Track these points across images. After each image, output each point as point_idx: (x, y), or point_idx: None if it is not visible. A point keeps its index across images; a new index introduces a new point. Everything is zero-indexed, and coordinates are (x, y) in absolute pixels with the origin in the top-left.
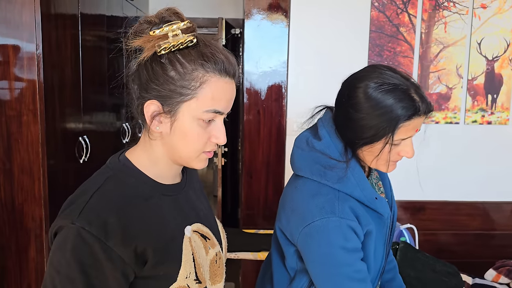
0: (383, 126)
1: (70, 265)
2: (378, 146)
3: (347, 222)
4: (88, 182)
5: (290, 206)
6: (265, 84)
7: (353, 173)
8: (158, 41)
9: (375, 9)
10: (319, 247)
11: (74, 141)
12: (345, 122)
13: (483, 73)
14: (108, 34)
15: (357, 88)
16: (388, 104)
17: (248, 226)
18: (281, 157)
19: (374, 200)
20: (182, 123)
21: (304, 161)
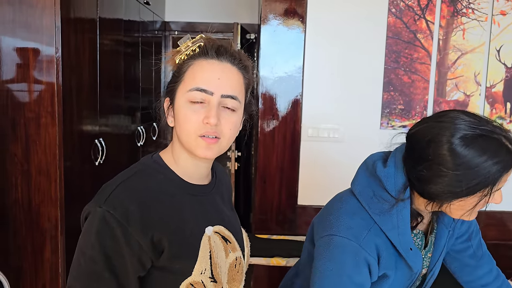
0: (480, 182)
1: (94, 247)
2: (471, 200)
3: (365, 254)
4: (120, 174)
5: (327, 211)
6: (280, 89)
7: (397, 214)
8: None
9: (392, 15)
10: (329, 261)
11: (90, 143)
12: (431, 177)
13: (502, 80)
14: (125, 38)
15: (440, 145)
16: (482, 160)
17: (261, 231)
18: (295, 162)
19: (408, 250)
20: (177, 108)
21: (361, 179)
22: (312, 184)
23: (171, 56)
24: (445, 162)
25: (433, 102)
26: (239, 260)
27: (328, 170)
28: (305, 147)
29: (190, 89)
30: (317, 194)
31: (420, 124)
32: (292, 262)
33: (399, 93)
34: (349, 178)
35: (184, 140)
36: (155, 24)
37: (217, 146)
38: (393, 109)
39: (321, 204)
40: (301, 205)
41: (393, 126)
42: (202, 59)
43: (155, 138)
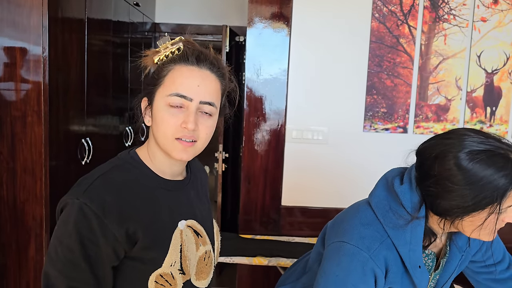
0: (487, 196)
1: (71, 236)
2: (481, 216)
3: (373, 266)
4: (98, 168)
5: (341, 218)
6: (265, 91)
7: (411, 230)
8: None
9: (376, 20)
10: (337, 266)
11: (77, 143)
12: (439, 193)
13: (482, 85)
14: (114, 39)
15: (447, 161)
16: (487, 174)
17: (246, 231)
18: (279, 164)
19: (417, 267)
20: (155, 110)
21: (379, 192)
22: (296, 185)
23: (149, 56)
24: (452, 177)
25: (415, 105)
26: (208, 253)
27: (312, 172)
28: (289, 149)
29: (169, 94)
30: (300, 195)
31: (429, 140)
32: (274, 261)
33: (382, 96)
34: (332, 180)
35: (160, 141)
36: (145, 25)
37: (193, 149)
38: (376, 112)
39: (304, 205)
40: (285, 206)
41: (376, 129)
42: (182, 65)
43: (143, 139)
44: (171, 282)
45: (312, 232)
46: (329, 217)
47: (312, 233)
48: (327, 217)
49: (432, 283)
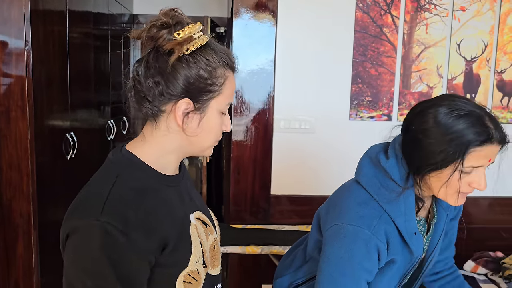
0: (453, 151)
1: (100, 262)
2: (447, 172)
3: (376, 241)
4: (98, 181)
5: (334, 202)
6: (252, 82)
7: (404, 201)
8: (184, 43)
9: (360, 10)
10: (339, 249)
11: (62, 137)
12: (413, 147)
13: (462, 73)
14: (94, 31)
15: (427, 114)
16: (459, 129)
17: (236, 221)
18: (268, 154)
19: (413, 234)
20: (209, 118)
21: (367, 170)
22: (285, 174)
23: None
24: (427, 131)
25: (399, 93)
26: (216, 240)
27: (300, 161)
28: (277, 139)
29: (227, 103)
30: (289, 184)
31: (414, 107)
32: (266, 249)
33: (366, 85)
34: (320, 167)
35: (205, 144)
36: (123, 17)
37: None
38: (361, 100)
39: (293, 194)
40: (274, 195)
41: (361, 117)
42: (231, 73)
43: (125, 132)
44: (197, 278)
45: (301, 220)
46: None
47: (301, 220)
48: (316, 204)
49: (426, 246)
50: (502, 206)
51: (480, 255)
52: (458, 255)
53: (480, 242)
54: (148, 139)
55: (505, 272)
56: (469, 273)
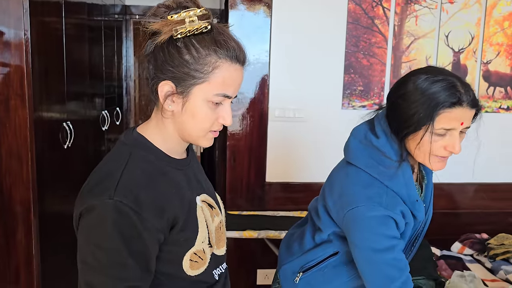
0: (425, 112)
1: (112, 237)
2: (420, 134)
3: (391, 214)
4: (111, 161)
5: (338, 191)
6: (248, 72)
7: (403, 173)
8: (176, 25)
9: (352, 1)
10: (362, 231)
11: (59, 126)
12: (393, 113)
13: (450, 63)
14: (89, 22)
15: (408, 80)
16: (432, 92)
17: (232, 208)
18: (263, 142)
19: (415, 202)
20: (193, 104)
21: (360, 153)
22: (280, 162)
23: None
24: (406, 95)
25: (390, 83)
26: (222, 222)
27: (294, 149)
28: (272, 127)
29: (217, 94)
30: (284, 171)
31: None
32: (263, 234)
33: (358, 75)
34: (313, 155)
35: (191, 132)
36: (116, 7)
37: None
38: (353, 90)
39: (288, 181)
40: (269, 182)
41: (354, 106)
42: (229, 63)
43: (118, 123)
44: (203, 257)
45: (295, 206)
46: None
47: (296, 207)
48: (310, 191)
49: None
50: (488, 192)
51: (467, 237)
52: (446, 238)
53: (467, 227)
54: (153, 122)
55: (490, 252)
56: (456, 254)
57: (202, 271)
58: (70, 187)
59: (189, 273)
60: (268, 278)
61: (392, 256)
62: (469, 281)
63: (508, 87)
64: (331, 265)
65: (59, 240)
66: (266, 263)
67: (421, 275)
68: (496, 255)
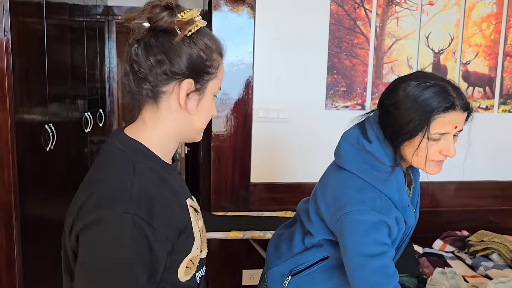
0: (420, 119)
1: (129, 251)
2: (417, 141)
3: (384, 218)
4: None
5: (332, 196)
6: (232, 73)
7: (396, 178)
8: (186, 25)
9: (335, 3)
10: (354, 235)
11: (41, 129)
12: (386, 121)
13: (430, 64)
14: (71, 23)
15: (398, 88)
16: (424, 98)
17: (217, 209)
18: (248, 143)
19: (406, 207)
20: (206, 100)
21: (352, 157)
22: (264, 162)
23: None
24: (397, 103)
25: (372, 84)
26: (204, 226)
27: (279, 149)
28: (256, 128)
29: (219, 87)
30: (268, 172)
31: (389, 84)
32: (248, 234)
33: (341, 76)
34: (297, 155)
35: (199, 127)
36: (98, 8)
37: None
38: (336, 91)
39: (272, 181)
40: (253, 183)
41: (337, 106)
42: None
43: (101, 125)
44: (195, 262)
45: (280, 206)
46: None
47: (281, 207)
48: (294, 191)
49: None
50: (468, 190)
51: (448, 234)
52: (428, 236)
53: (448, 225)
54: (150, 124)
55: (470, 249)
56: (437, 251)
57: (191, 276)
58: (52, 190)
59: (182, 280)
60: (253, 279)
61: (381, 262)
62: (450, 277)
63: (487, 87)
64: (320, 270)
65: (41, 244)
66: (252, 264)
67: (404, 273)
68: (476, 251)
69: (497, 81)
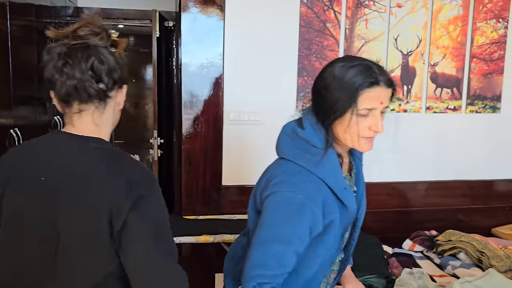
0: (347, 96)
1: None
2: (347, 117)
3: (310, 205)
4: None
5: (266, 179)
6: (202, 76)
7: (328, 161)
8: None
9: (304, 5)
10: (273, 214)
11: (5, 133)
12: (319, 104)
13: (399, 66)
14: (37, 24)
15: (326, 71)
16: (350, 76)
17: (188, 213)
18: (218, 145)
19: (343, 189)
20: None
21: (288, 146)
22: (235, 165)
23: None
24: (325, 86)
25: None
26: None
27: (250, 151)
28: (227, 131)
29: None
30: (239, 174)
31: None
32: (219, 238)
33: (312, 78)
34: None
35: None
36: (67, 9)
37: None
38: (307, 93)
39: (244, 184)
40: (225, 186)
41: None
42: None
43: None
44: None
45: None
46: None
47: None
48: None
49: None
50: (438, 189)
51: (417, 234)
52: (399, 236)
53: (418, 224)
54: (101, 125)
55: (439, 248)
56: (407, 251)
57: None
58: None
59: None
60: None
61: (284, 250)
62: (418, 277)
63: (454, 88)
64: None
65: None
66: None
67: (373, 274)
68: (444, 251)
69: (464, 82)
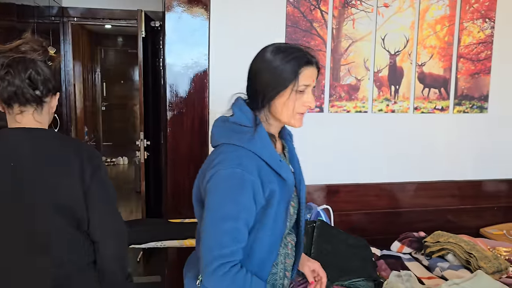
0: (290, 71)
1: None
2: (287, 93)
3: (249, 177)
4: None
5: (205, 168)
6: (187, 76)
7: (260, 137)
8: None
9: (291, 5)
10: (216, 194)
11: None
12: (258, 83)
13: (386, 66)
14: (19, 25)
15: (258, 57)
16: (290, 52)
17: (174, 216)
18: (205, 147)
19: (278, 162)
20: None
21: (220, 132)
22: None
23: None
24: (261, 68)
25: (329, 86)
26: None
27: None
28: None
29: None
30: None
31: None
32: None
33: None
34: None
35: None
36: (51, 9)
37: None
38: None
39: None
40: None
41: None
42: None
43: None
44: None
45: None
46: None
47: None
48: None
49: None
50: (427, 190)
51: (405, 235)
52: (388, 237)
53: (407, 225)
54: (41, 121)
55: (427, 250)
56: (395, 253)
57: None
58: None
59: None
60: None
61: (234, 225)
62: (406, 280)
63: (442, 88)
64: None
65: None
66: None
67: (360, 277)
68: (432, 252)
69: (452, 82)
